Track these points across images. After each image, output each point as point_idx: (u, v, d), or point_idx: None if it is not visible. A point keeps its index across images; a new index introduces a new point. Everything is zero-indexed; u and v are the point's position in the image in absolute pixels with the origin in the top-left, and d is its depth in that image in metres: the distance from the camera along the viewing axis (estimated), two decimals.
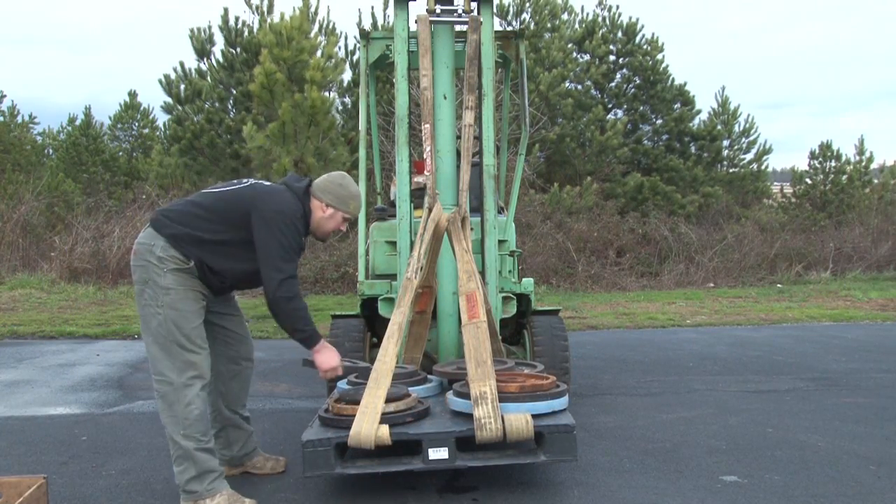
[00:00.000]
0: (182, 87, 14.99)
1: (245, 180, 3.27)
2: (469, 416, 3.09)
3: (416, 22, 4.20)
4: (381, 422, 3.02)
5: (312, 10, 14.72)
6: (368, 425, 3.00)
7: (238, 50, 14.83)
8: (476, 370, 3.15)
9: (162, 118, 18.40)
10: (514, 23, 16.98)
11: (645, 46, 17.50)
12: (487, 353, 3.21)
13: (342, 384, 3.73)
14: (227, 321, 3.39)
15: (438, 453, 3.01)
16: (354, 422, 3.01)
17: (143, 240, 3.08)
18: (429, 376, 3.78)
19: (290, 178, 3.34)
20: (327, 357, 3.29)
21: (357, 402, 3.11)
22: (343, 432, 3.03)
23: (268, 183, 3.23)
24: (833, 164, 18.09)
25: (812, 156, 18.36)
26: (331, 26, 15.06)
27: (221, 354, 3.37)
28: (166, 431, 3.03)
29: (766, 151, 18.31)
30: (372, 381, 3.14)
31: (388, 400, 3.13)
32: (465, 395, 3.16)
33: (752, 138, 18.23)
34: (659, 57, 17.50)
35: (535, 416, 3.09)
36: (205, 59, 15.18)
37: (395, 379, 3.29)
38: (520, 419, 3.04)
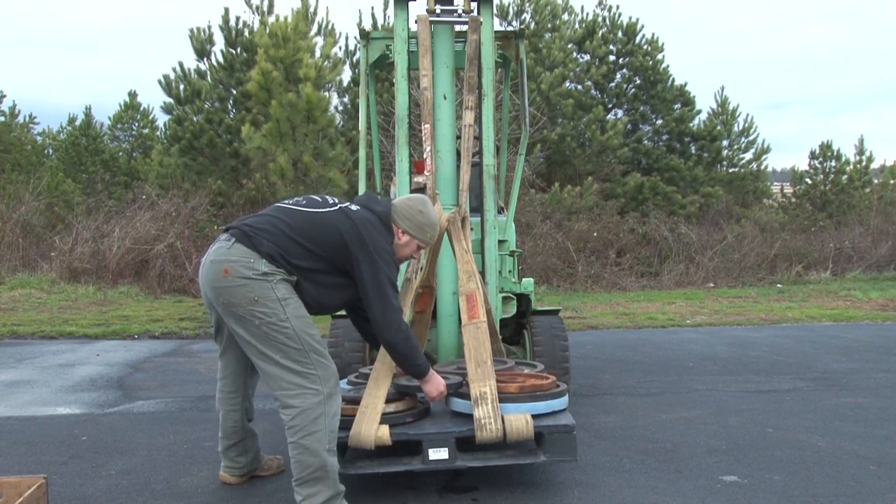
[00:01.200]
0: (182, 87, 15.00)
1: (331, 201, 3.00)
2: (469, 417, 3.09)
3: (416, 22, 4.20)
4: (382, 422, 3.02)
5: (311, 10, 14.73)
6: (368, 425, 3.00)
7: (238, 50, 14.84)
8: (476, 370, 3.15)
9: (162, 118, 18.42)
10: (514, 23, 16.99)
11: (645, 46, 17.51)
12: (488, 353, 3.21)
13: (342, 384, 3.73)
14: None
15: (438, 453, 3.01)
16: (354, 422, 3.02)
17: (235, 256, 2.79)
18: None
19: (369, 199, 3.06)
20: (435, 384, 3.10)
21: (357, 402, 3.11)
22: (343, 432, 3.03)
23: (355, 208, 2.96)
24: (833, 164, 18.10)
25: (812, 156, 18.38)
26: (330, 26, 15.07)
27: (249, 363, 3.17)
28: (300, 450, 2.76)
29: (765, 151, 18.34)
30: (372, 380, 3.14)
31: (389, 400, 3.13)
32: (466, 396, 3.16)
33: (751, 138, 18.26)
34: (659, 57, 17.51)
35: (534, 417, 3.09)
36: (204, 59, 15.20)
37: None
38: (520, 419, 3.04)
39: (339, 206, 2.96)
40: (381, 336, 2.95)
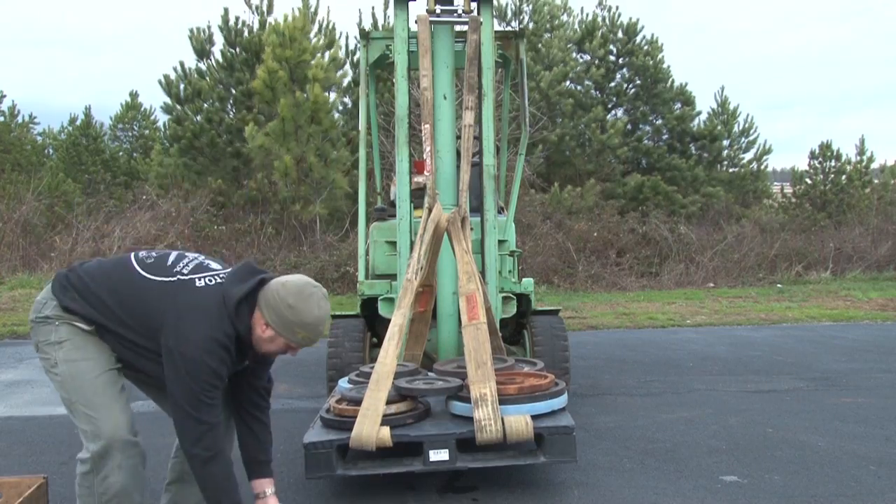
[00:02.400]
0: (182, 87, 15.00)
1: (177, 272, 2.48)
2: (469, 419, 3.09)
3: (415, 22, 4.20)
4: (382, 423, 3.02)
5: (312, 10, 14.74)
6: (370, 427, 3.00)
7: (238, 50, 14.83)
8: (476, 372, 3.15)
9: (162, 118, 18.41)
10: (513, 23, 16.98)
11: (645, 47, 17.49)
12: (487, 354, 3.22)
13: (343, 383, 3.73)
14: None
15: (439, 455, 3.02)
16: (356, 423, 3.02)
17: (40, 297, 2.55)
18: None
19: (237, 272, 2.50)
20: None
21: (357, 403, 3.11)
22: (344, 434, 3.03)
23: (199, 284, 2.44)
24: (833, 164, 18.09)
25: (812, 156, 18.37)
26: (331, 26, 15.07)
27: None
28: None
29: (766, 151, 18.32)
30: (373, 382, 3.14)
31: (389, 402, 3.14)
32: (465, 399, 3.16)
33: (751, 138, 18.25)
34: (659, 57, 17.50)
35: (534, 417, 3.09)
36: (205, 59, 15.19)
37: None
38: (520, 421, 3.04)
39: (179, 279, 2.45)
40: (181, 447, 2.55)
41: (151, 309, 2.39)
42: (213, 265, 2.55)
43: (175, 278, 2.45)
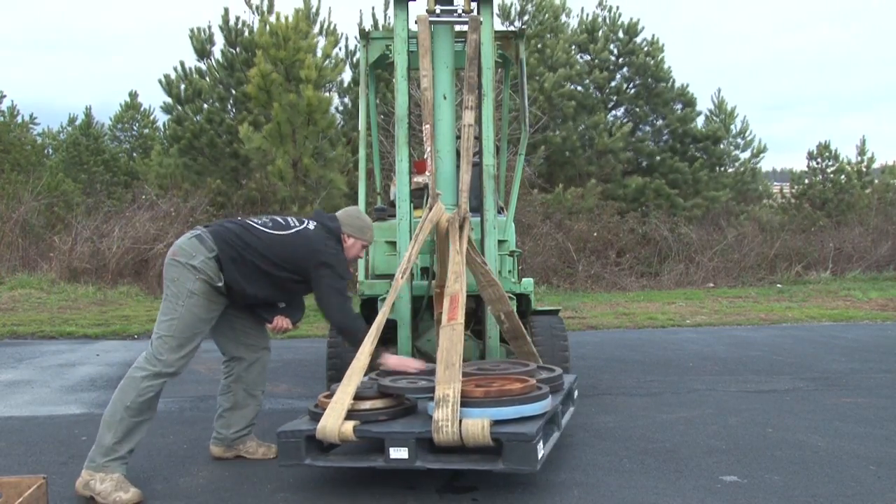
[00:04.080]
0: (182, 87, 15.00)
1: (292, 223, 3.60)
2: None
3: (415, 22, 4.20)
4: (354, 418, 3.07)
5: (314, 10, 14.73)
6: (334, 420, 3.05)
7: (238, 50, 14.84)
8: (444, 372, 3.13)
9: (162, 118, 18.42)
10: (516, 23, 16.98)
11: (646, 47, 17.50)
12: (458, 356, 3.19)
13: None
14: (243, 311, 3.67)
15: (399, 453, 3.02)
16: (323, 416, 3.08)
17: (186, 245, 3.41)
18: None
19: (321, 216, 3.70)
20: (396, 360, 3.67)
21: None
22: (313, 425, 3.10)
23: (312, 227, 3.57)
24: (831, 164, 18.11)
25: (810, 156, 18.39)
26: (331, 27, 15.07)
27: (241, 343, 3.70)
28: (114, 396, 3.35)
29: (762, 150, 18.36)
30: (345, 377, 3.20)
31: (369, 398, 3.21)
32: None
33: (748, 138, 18.29)
34: (660, 57, 17.50)
35: (499, 423, 3.02)
36: (205, 59, 15.19)
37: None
38: (476, 425, 2.97)
39: (296, 228, 3.56)
40: (328, 318, 3.59)
41: (297, 250, 3.48)
42: (303, 219, 3.67)
43: (296, 229, 3.56)
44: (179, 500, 3.21)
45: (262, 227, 3.53)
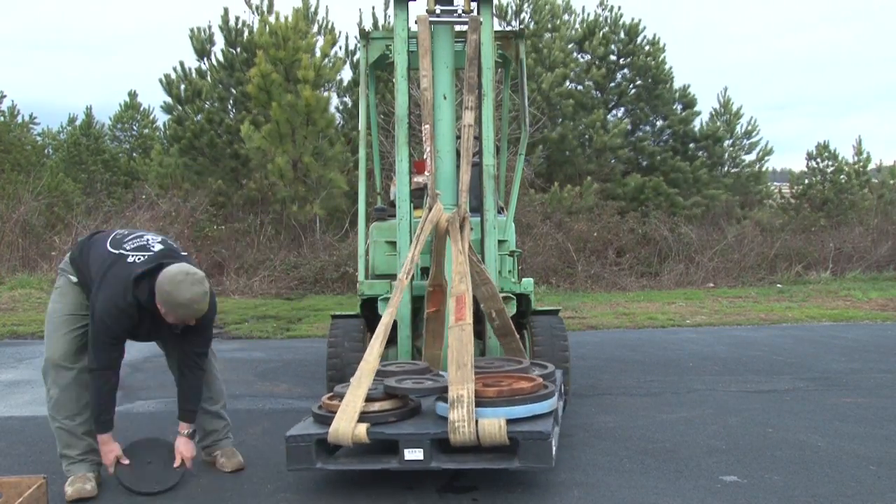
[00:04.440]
0: (182, 87, 15.00)
1: (123, 247, 3.27)
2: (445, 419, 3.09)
3: (415, 22, 4.20)
4: (364, 420, 3.06)
5: (312, 10, 14.73)
6: (346, 423, 3.04)
7: (238, 50, 14.84)
8: (456, 373, 3.15)
9: (162, 118, 18.42)
10: (513, 22, 16.98)
11: (646, 47, 17.49)
12: (469, 356, 3.21)
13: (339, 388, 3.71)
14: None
15: (414, 454, 3.02)
16: (334, 419, 3.06)
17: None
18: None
19: (151, 257, 3.22)
20: (103, 451, 3.28)
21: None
22: (324, 428, 3.08)
23: (130, 260, 3.20)
24: (830, 164, 18.10)
25: (809, 156, 18.37)
26: (330, 26, 15.06)
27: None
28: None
29: (768, 153, 18.32)
30: (355, 379, 3.18)
31: (375, 400, 3.19)
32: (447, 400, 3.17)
33: (753, 139, 18.24)
34: (661, 58, 17.49)
35: (512, 421, 3.05)
36: (205, 59, 15.20)
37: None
38: (493, 424, 3.00)
39: (115, 255, 3.21)
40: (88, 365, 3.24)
41: (94, 272, 3.22)
42: (154, 248, 3.27)
43: (118, 252, 3.24)
44: (179, 500, 3.21)
45: (108, 239, 3.38)
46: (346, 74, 15.55)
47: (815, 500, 3.10)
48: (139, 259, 3.19)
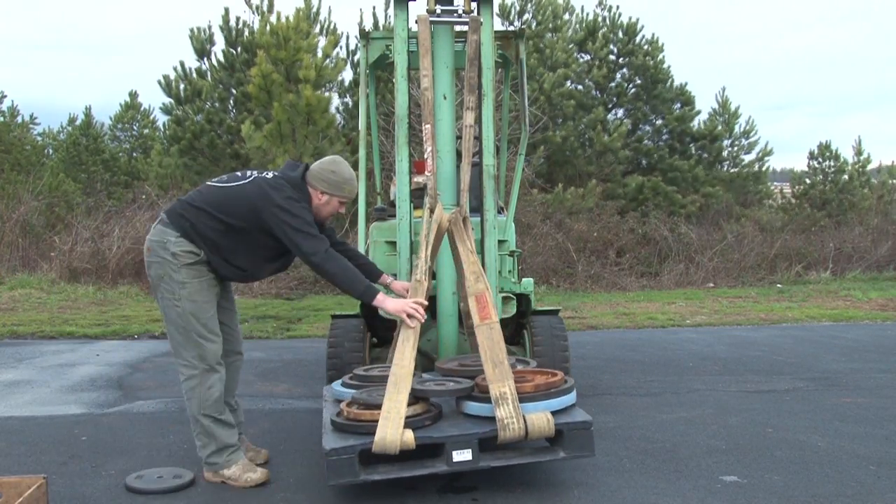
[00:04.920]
0: (182, 87, 14.99)
1: (248, 174, 3.41)
2: (485, 418, 3.12)
3: (416, 22, 4.20)
4: (404, 426, 3.03)
5: (314, 10, 14.72)
6: (393, 430, 2.99)
7: (238, 50, 14.82)
8: (494, 371, 3.17)
9: (162, 118, 18.41)
10: (516, 23, 16.97)
11: (645, 47, 17.49)
12: (503, 353, 3.24)
13: (336, 386, 3.69)
14: (223, 314, 3.56)
15: (462, 455, 3.03)
16: (379, 427, 3.00)
17: (155, 237, 3.32)
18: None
19: (286, 165, 3.49)
20: (394, 304, 3.35)
21: (371, 406, 3.11)
22: (364, 438, 3.01)
23: (269, 176, 3.36)
24: (832, 164, 18.09)
25: (811, 156, 18.36)
26: (332, 26, 15.05)
27: None
28: (189, 412, 3.37)
29: (768, 153, 18.31)
30: (391, 385, 3.12)
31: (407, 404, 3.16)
32: (479, 399, 3.20)
33: (752, 139, 18.24)
34: (660, 57, 17.49)
35: (553, 414, 3.14)
36: (205, 59, 15.18)
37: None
38: (541, 418, 3.08)
39: (252, 176, 3.36)
40: (314, 269, 3.38)
41: (242, 197, 3.27)
42: (265, 171, 3.44)
43: (249, 178, 3.36)
44: (179, 500, 3.21)
45: (216, 184, 3.40)
46: (348, 75, 15.55)
47: (815, 500, 3.10)
48: (276, 174, 3.39)
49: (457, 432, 3.08)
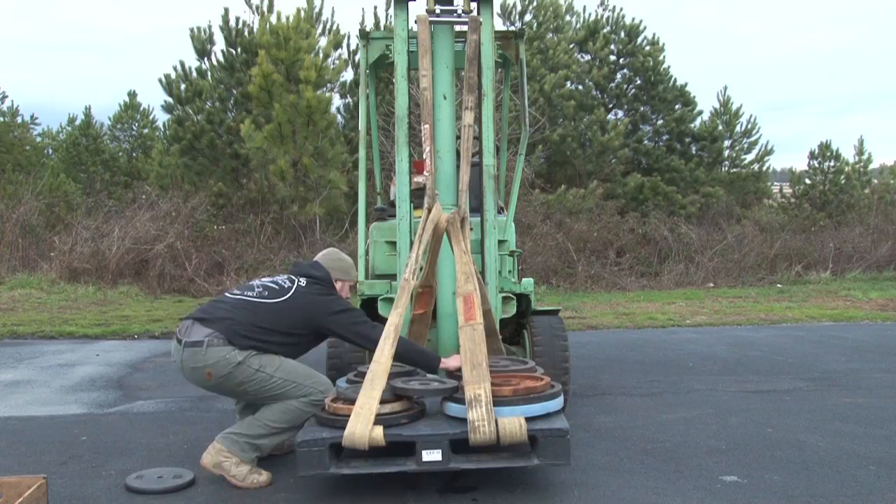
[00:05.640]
0: (182, 86, 14.99)
1: (286, 286, 3.60)
2: (463, 420, 3.08)
3: (415, 22, 4.20)
4: (376, 423, 3.03)
5: (317, 10, 14.72)
6: (363, 426, 3.01)
7: (238, 50, 14.83)
8: (472, 373, 3.15)
9: (162, 118, 18.41)
10: (517, 23, 16.97)
11: (646, 47, 17.49)
12: (483, 355, 3.21)
13: (341, 382, 3.73)
14: None
15: (432, 455, 3.02)
16: (349, 422, 3.03)
17: (213, 360, 3.34)
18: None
19: (300, 267, 3.76)
20: (455, 360, 3.56)
21: (353, 402, 3.11)
22: (338, 432, 3.04)
23: (304, 284, 3.62)
24: (832, 164, 18.08)
25: (812, 156, 18.36)
26: (335, 27, 15.06)
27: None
28: (269, 416, 3.44)
29: (768, 152, 18.30)
30: (367, 381, 3.15)
31: (385, 402, 3.14)
32: (461, 400, 3.16)
33: (753, 139, 18.23)
34: (660, 58, 17.49)
35: (529, 419, 3.07)
36: (205, 59, 15.18)
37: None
38: (513, 422, 3.02)
39: (293, 290, 3.58)
40: (375, 351, 3.43)
41: (306, 311, 3.52)
42: (290, 277, 3.69)
43: (291, 292, 3.57)
44: (179, 500, 3.21)
45: (259, 300, 3.53)
46: (348, 75, 15.56)
47: (815, 500, 3.10)
48: (301, 279, 3.66)
49: (428, 432, 3.07)
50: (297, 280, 3.63)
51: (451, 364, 3.54)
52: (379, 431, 3.00)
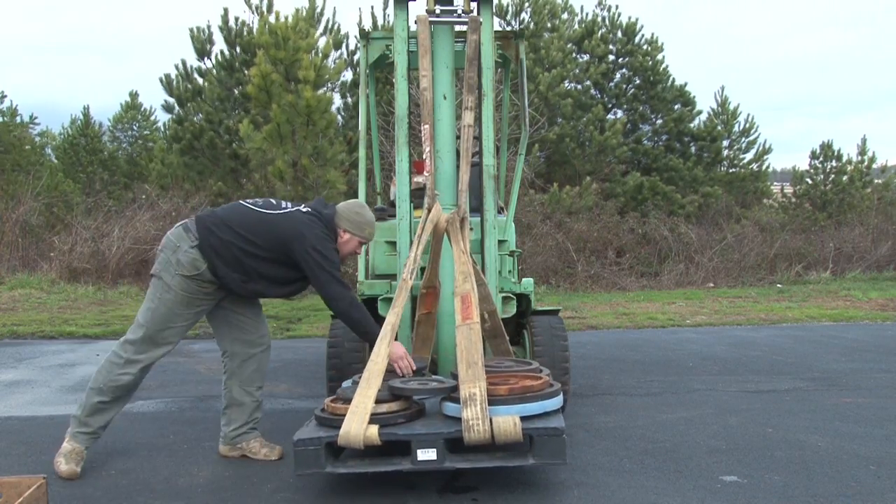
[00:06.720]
0: (182, 86, 14.99)
1: (285, 205, 3.56)
2: (459, 419, 3.09)
3: (415, 22, 4.20)
4: (372, 422, 3.04)
5: (318, 10, 14.71)
6: (358, 425, 3.02)
7: (238, 50, 14.82)
8: (467, 371, 3.15)
9: (162, 118, 18.40)
10: (513, 22, 16.97)
11: (645, 47, 17.49)
12: (479, 354, 3.21)
13: (347, 384, 3.72)
14: (243, 307, 3.67)
15: (427, 454, 3.02)
16: (345, 421, 3.04)
17: (173, 237, 3.46)
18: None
19: (318, 202, 3.64)
20: (395, 350, 3.44)
21: (350, 402, 3.12)
22: (335, 431, 3.05)
23: (304, 210, 3.52)
24: (833, 164, 18.07)
25: (813, 156, 18.35)
26: (336, 27, 15.06)
27: (237, 339, 3.68)
28: (91, 382, 3.52)
29: (766, 151, 18.30)
30: (363, 381, 3.16)
31: (382, 401, 3.15)
32: (458, 400, 3.16)
33: (751, 138, 18.23)
34: (659, 57, 17.49)
35: (525, 419, 3.07)
36: (205, 59, 15.18)
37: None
38: (508, 421, 3.01)
39: (288, 210, 3.51)
40: (332, 309, 3.54)
41: (284, 230, 3.40)
42: (300, 203, 3.62)
43: (285, 211, 3.50)
44: (179, 500, 3.21)
45: (251, 207, 3.51)
46: (348, 75, 15.55)
47: (815, 500, 3.10)
48: (309, 209, 3.54)
49: (424, 431, 3.07)
50: (300, 206, 3.56)
51: (392, 350, 3.37)
52: (374, 430, 3.01)
